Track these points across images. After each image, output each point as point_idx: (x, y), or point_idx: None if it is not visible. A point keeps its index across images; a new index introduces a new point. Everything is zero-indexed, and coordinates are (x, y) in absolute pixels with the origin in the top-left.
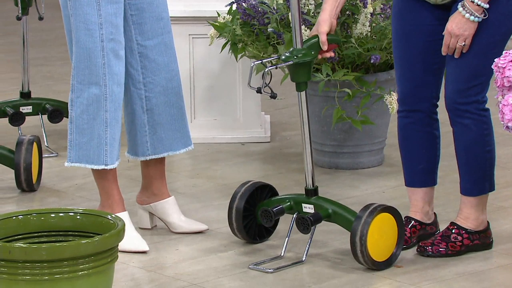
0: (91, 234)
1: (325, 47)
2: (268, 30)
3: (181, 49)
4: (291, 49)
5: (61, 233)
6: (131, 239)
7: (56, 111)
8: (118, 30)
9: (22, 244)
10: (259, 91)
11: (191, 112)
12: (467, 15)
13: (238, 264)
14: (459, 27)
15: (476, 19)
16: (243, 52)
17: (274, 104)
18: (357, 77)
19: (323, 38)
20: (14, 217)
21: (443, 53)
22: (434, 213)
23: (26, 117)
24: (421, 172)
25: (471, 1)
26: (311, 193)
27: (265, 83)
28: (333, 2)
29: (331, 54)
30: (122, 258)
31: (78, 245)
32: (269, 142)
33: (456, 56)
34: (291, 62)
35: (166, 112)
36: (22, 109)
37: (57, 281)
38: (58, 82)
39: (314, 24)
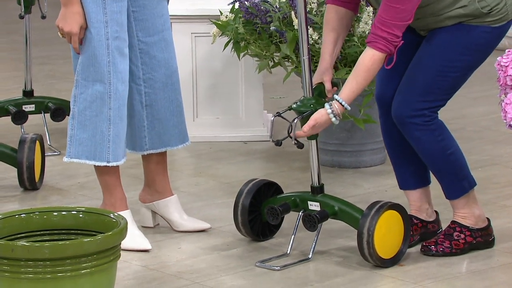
0: (94, 233)
1: (330, 94)
2: (271, 28)
3: (183, 47)
4: (301, 98)
5: (63, 231)
6: (134, 238)
7: (59, 110)
8: (123, 28)
9: (24, 243)
10: (278, 143)
11: (194, 111)
12: (332, 116)
13: (241, 263)
14: (320, 126)
15: (336, 122)
16: (246, 51)
17: (276, 103)
18: None
19: (328, 86)
20: (16, 216)
21: (300, 135)
22: (436, 211)
23: (29, 115)
24: (412, 174)
25: (340, 104)
26: (317, 190)
27: (290, 135)
28: (332, 51)
29: (331, 97)
30: (125, 256)
31: (81, 243)
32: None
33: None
34: (311, 111)
35: (165, 108)
36: (25, 108)
37: (60, 279)
38: (60, 81)
39: (316, 23)
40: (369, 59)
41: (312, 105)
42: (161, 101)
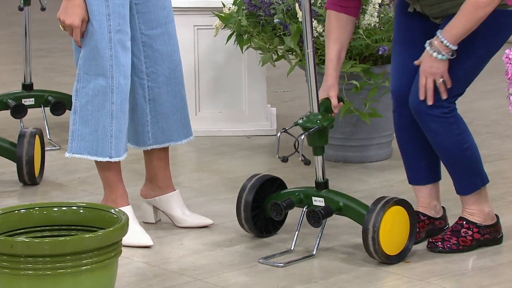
0: (95, 229)
1: (336, 110)
2: (275, 21)
3: (185, 40)
4: (307, 114)
5: (64, 227)
6: (135, 234)
7: (59, 103)
8: (125, 20)
9: (24, 239)
10: (284, 160)
11: (196, 105)
12: (435, 54)
13: (244, 259)
14: (430, 66)
15: (444, 57)
16: (249, 44)
17: (280, 96)
18: (365, 69)
19: (335, 102)
20: (16, 211)
21: (420, 97)
22: (443, 207)
23: (28, 109)
24: (424, 169)
25: (440, 41)
26: (321, 186)
27: (297, 150)
28: (336, 65)
29: (337, 112)
30: (126, 252)
31: (81, 239)
32: (275, 135)
33: (443, 96)
34: (318, 128)
35: (169, 102)
36: (24, 101)
37: (60, 276)
38: (60, 74)
39: (321, 15)
40: None
41: (318, 121)
42: (164, 95)
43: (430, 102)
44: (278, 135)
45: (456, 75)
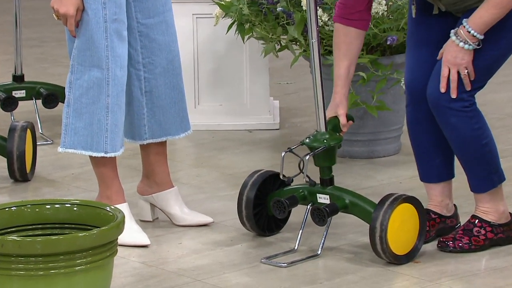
0: (89, 227)
1: (345, 129)
2: (277, 9)
3: (184, 29)
4: (314, 133)
5: (57, 225)
6: (132, 232)
7: (51, 96)
8: (121, 9)
9: (15, 237)
10: (289, 182)
11: (195, 97)
12: (461, 43)
13: (245, 259)
14: (455, 57)
15: (471, 47)
16: (251, 33)
17: (283, 89)
18: (372, 60)
19: (343, 120)
20: (7, 209)
21: (441, 89)
22: (454, 205)
23: (19, 102)
24: (437, 166)
25: (467, 31)
26: (327, 182)
27: (302, 171)
28: (344, 82)
29: (346, 131)
30: (122, 252)
31: (75, 238)
32: (278, 129)
33: (467, 88)
34: (324, 147)
35: (166, 95)
36: (15, 94)
37: (53, 276)
38: (53, 65)
39: (326, 3)
40: None
41: (325, 140)
42: (161, 87)
43: (454, 94)
44: (283, 154)
45: (478, 66)
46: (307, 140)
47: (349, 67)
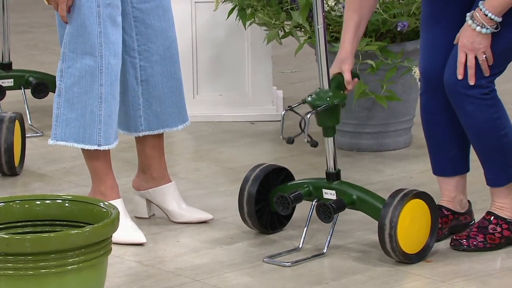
0: (81, 224)
1: (350, 87)
2: None
3: (182, 14)
4: (317, 91)
5: (47, 222)
6: (127, 230)
7: (41, 85)
8: None
9: (4, 235)
10: (289, 141)
11: (194, 87)
12: (478, 28)
13: (247, 258)
14: (472, 42)
15: (488, 31)
16: (252, 19)
17: (287, 78)
18: (381, 47)
19: (348, 77)
20: None
21: (459, 76)
22: (468, 201)
23: (7, 91)
24: (452, 159)
25: (483, 14)
26: (333, 177)
27: (303, 131)
28: (353, 38)
29: (351, 89)
30: (116, 250)
31: (67, 236)
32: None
33: (486, 74)
34: (326, 105)
35: (163, 84)
36: (2, 83)
37: (44, 276)
38: (43, 52)
39: None
40: None
41: (328, 98)
42: (158, 76)
43: (472, 81)
44: (283, 113)
45: (497, 50)
46: (309, 98)
47: (359, 23)
